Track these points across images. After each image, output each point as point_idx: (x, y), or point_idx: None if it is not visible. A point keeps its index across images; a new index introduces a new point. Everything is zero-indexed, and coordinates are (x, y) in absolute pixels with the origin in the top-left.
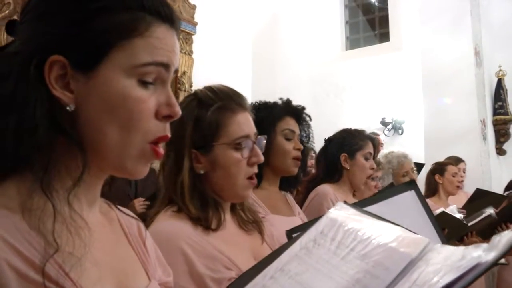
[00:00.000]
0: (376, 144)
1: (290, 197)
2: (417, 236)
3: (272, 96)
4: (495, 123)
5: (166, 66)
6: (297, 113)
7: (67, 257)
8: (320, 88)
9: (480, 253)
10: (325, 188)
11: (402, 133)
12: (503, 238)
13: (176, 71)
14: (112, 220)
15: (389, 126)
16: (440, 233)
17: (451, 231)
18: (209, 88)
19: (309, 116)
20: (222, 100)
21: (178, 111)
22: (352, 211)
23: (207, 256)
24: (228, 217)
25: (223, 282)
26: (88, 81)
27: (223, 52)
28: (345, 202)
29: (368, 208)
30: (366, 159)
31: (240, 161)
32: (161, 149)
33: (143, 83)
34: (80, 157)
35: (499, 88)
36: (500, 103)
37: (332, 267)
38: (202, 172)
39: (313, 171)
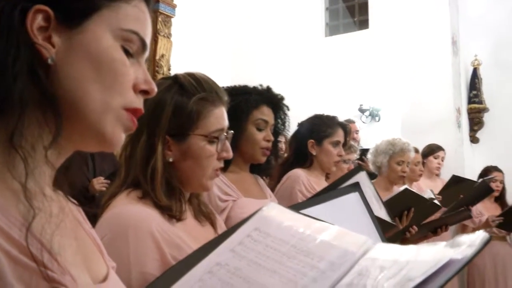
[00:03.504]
0: (348, 131)
1: (261, 180)
2: (357, 235)
3: (252, 81)
4: (470, 112)
5: (144, 45)
6: (275, 103)
7: (46, 234)
8: (299, 74)
9: (448, 251)
10: (298, 172)
11: (379, 120)
12: (477, 237)
13: (147, 59)
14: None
15: (367, 113)
16: (381, 234)
17: (418, 210)
18: (193, 76)
19: (287, 107)
20: (205, 91)
21: (155, 88)
22: (285, 211)
23: (173, 245)
24: (186, 208)
25: None
26: (73, 37)
27: (202, 36)
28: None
29: (313, 208)
30: (334, 146)
31: (213, 154)
32: (136, 121)
33: (125, 52)
34: (54, 117)
35: (474, 77)
36: (475, 92)
37: (275, 262)
38: (171, 160)
39: (286, 155)
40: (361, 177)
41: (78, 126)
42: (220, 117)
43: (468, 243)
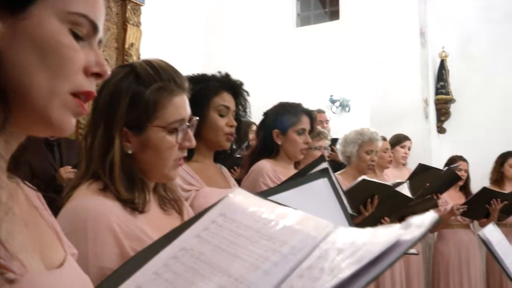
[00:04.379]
0: (314, 118)
1: (225, 170)
2: (320, 219)
3: (223, 70)
4: (437, 103)
5: (95, 27)
6: (235, 88)
7: None
8: (271, 64)
9: (397, 231)
10: (263, 164)
11: (349, 111)
12: (426, 218)
13: (101, 41)
14: (17, 189)
15: (337, 104)
16: (349, 219)
17: (382, 197)
18: (150, 64)
19: (247, 92)
20: (163, 80)
21: (107, 70)
22: (251, 197)
23: (134, 238)
24: (151, 198)
25: None
26: (17, 23)
27: (173, 25)
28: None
29: (282, 194)
30: (299, 134)
31: (173, 145)
32: (86, 105)
33: (75, 35)
34: (1, 104)
35: (442, 69)
36: (442, 83)
37: (238, 247)
38: (130, 152)
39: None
40: (319, 185)
41: (25, 113)
42: (179, 106)
43: (417, 224)
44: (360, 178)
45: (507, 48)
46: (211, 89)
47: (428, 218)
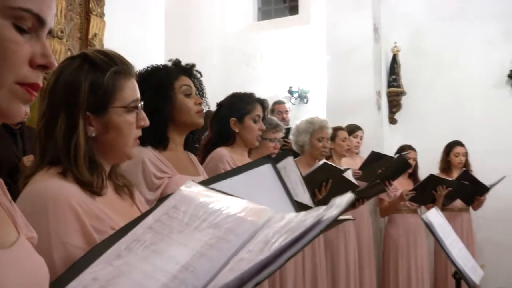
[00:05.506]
0: (266, 106)
1: (193, 157)
2: (262, 207)
3: (185, 61)
4: (389, 95)
5: (41, 20)
6: (189, 71)
7: None
8: (232, 57)
9: (321, 212)
10: (221, 151)
11: (307, 102)
12: (344, 198)
13: (51, 31)
14: None
15: (296, 95)
16: (294, 202)
17: (335, 182)
18: (101, 52)
19: (200, 73)
20: (117, 64)
21: (54, 62)
22: (202, 189)
23: (94, 217)
24: (107, 183)
25: None
26: None
27: (135, 16)
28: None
29: (228, 181)
30: (255, 121)
31: (133, 123)
32: (35, 93)
33: (19, 29)
34: None
35: (394, 63)
36: (394, 77)
37: (185, 236)
38: (93, 135)
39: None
40: (289, 162)
41: None
42: (134, 88)
43: (337, 204)
44: (321, 162)
45: (455, 44)
46: (171, 74)
47: (345, 199)
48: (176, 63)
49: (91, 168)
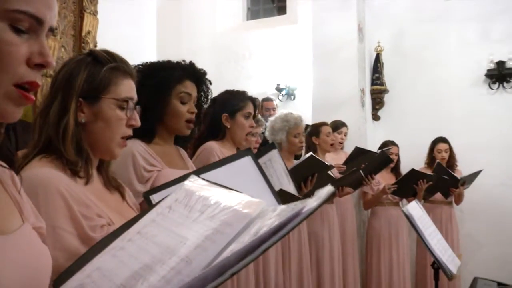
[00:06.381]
0: (257, 104)
1: (183, 151)
2: (256, 200)
3: (175, 60)
4: (372, 92)
5: (39, 20)
6: (198, 77)
7: None
8: (222, 55)
9: (305, 204)
10: (211, 144)
11: (294, 99)
12: (324, 190)
13: (53, 30)
14: None
15: (283, 92)
16: (275, 193)
17: (320, 175)
18: (106, 51)
19: (210, 81)
20: (117, 62)
21: (51, 61)
22: (204, 183)
23: (81, 203)
24: (95, 174)
25: (96, 229)
26: None
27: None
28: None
29: (211, 173)
30: (246, 118)
31: (122, 119)
32: (32, 95)
33: (16, 30)
34: None
35: (377, 62)
36: (377, 75)
37: (185, 228)
38: (83, 121)
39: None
40: (274, 154)
41: None
42: (130, 87)
43: (317, 197)
44: (308, 154)
45: (435, 44)
46: (175, 77)
47: (325, 191)
48: (189, 65)
49: (77, 152)
